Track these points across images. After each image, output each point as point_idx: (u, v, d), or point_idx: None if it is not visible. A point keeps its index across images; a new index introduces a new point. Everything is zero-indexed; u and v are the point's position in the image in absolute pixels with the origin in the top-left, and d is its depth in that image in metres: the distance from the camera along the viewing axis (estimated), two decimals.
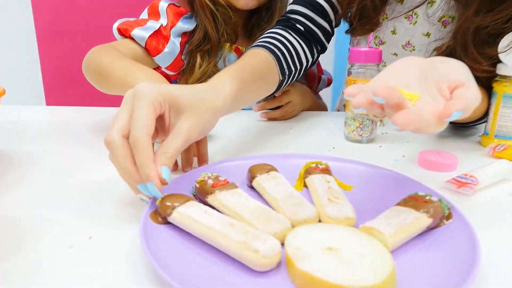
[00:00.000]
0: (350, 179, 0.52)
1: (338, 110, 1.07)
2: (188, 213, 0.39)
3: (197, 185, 0.46)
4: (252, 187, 0.50)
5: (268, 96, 0.74)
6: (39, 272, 0.35)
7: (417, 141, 0.72)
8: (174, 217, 0.39)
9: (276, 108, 0.87)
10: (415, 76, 0.46)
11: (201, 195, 0.45)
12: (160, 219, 0.40)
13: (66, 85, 1.68)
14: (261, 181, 0.47)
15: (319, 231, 0.37)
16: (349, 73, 0.71)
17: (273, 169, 0.50)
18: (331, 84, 1.12)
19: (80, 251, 0.38)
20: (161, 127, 0.50)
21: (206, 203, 0.45)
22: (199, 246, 0.37)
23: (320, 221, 0.41)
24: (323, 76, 1.06)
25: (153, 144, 0.43)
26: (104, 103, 0.94)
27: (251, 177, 0.49)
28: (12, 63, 1.76)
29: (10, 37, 1.75)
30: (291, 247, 0.34)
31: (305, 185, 0.50)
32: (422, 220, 0.39)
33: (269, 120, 0.86)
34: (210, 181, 0.45)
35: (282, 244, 0.37)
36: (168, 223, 0.40)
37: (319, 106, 1.04)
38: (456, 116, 0.37)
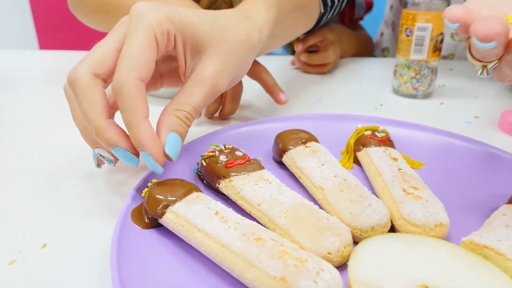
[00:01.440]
0: (417, 152, 0.37)
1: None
2: (190, 216, 0.25)
3: (204, 163, 0.31)
4: (280, 162, 0.35)
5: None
6: None
7: (487, 96, 0.56)
8: (167, 220, 0.25)
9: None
10: None
11: (210, 178, 0.31)
12: (146, 221, 0.26)
13: (60, 25, 1.50)
14: (296, 157, 0.33)
15: (400, 250, 0.23)
16: (404, 5, 0.53)
17: (312, 138, 0.35)
18: (372, 9, 0.86)
19: (26, 268, 0.25)
20: (170, 70, 0.35)
21: (216, 190, 0.31)
22: (207, 269, 0.24)
23: (393, 227, 0.27)
24: None
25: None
26: None
27: (281, 149, 0.34)
28: None
29: None
30: (361, 284, 0.21)
31: (355, 161, 0.36)
32: None
33: (304, 69, 0.69)
34: (223, 158, 0.31)
35: (338, 267, 0.23)
36: (159, 225, 0.26)
37: (359, 42, 0.83)
38: None
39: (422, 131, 0.40)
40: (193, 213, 0.25)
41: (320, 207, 0.28)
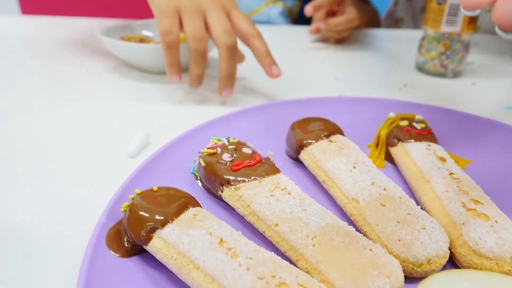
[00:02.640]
0: (460, 146, 0.31)
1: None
2: (185, 246, 0.18)
3: (202, 163, 0.25)
4: (296, 159, 0.29)
5: None
6: None
7: None
8: (155, 249, 0.19)
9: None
10: None
11: (210, 183, 0.24)
12: (127, 245, 0.20)
13: None
14: (318, 155, 0.26)
15: None
16: None
17: (337, 130, 0.28)
18: None
19: None
20: None
21: (218, 197, 0.24)
22: None
23: (451, 259, 0.20)
24: None
25: None
26: (90, 10, 0.70)
27: (298, 144, 0.28)
28: None
29: None
30: None
31: (387, 158, 0.29)
32: None
33: (328, 34, 0.61)
34: (227, 157, 0.24)
35: None
36: (143, 251, 0.20)
37: (368, 15, 0.75)
38: None
39: (464, 120, 0.33)
40: (189, 242, 0.18)
41: (355, 227, 0.21)
